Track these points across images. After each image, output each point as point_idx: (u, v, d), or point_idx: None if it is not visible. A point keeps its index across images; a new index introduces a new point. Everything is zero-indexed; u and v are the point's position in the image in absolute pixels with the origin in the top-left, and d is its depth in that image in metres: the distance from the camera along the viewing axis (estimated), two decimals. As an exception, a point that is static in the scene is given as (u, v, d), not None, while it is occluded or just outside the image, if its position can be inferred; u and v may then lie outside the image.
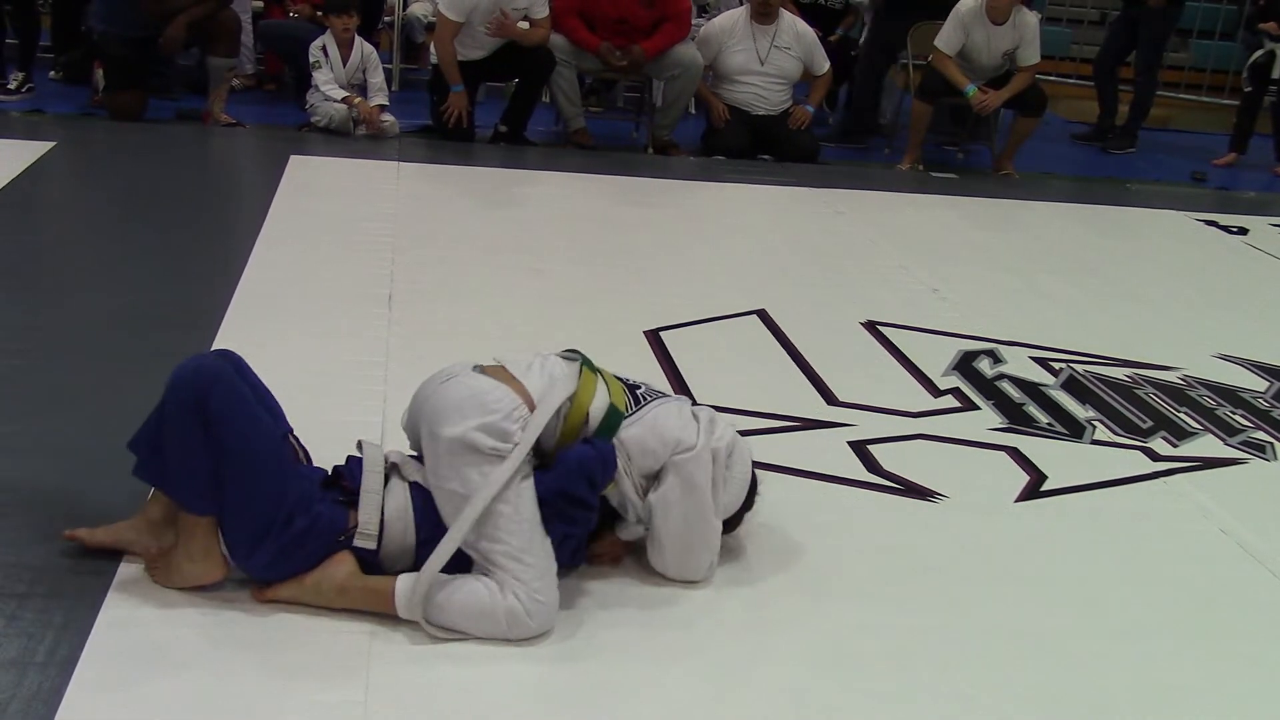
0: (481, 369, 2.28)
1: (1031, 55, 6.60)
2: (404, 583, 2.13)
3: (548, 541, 2.18)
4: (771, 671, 2.18)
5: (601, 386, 2.34)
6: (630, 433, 2.31)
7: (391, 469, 2.25)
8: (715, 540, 2.38)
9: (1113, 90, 8.22)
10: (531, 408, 2.22)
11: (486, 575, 2.13)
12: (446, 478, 2.15)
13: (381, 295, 3.83)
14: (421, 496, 2.20)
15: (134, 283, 3.78)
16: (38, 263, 4.00)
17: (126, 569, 2.24)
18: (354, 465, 2.26)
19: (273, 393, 2.32)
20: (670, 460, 2.31)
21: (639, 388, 2.44)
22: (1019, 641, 2.35)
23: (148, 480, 2.21)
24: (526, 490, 2.17)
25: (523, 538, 2.14)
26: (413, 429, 2.32)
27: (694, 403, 2.50)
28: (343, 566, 2.15)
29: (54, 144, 5.34)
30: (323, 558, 2.16)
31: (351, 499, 2.20)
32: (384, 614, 2.14)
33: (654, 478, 2.33)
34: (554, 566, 2.18)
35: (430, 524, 2.18)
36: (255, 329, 3.38)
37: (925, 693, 2.16)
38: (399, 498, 2.20)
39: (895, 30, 7.24)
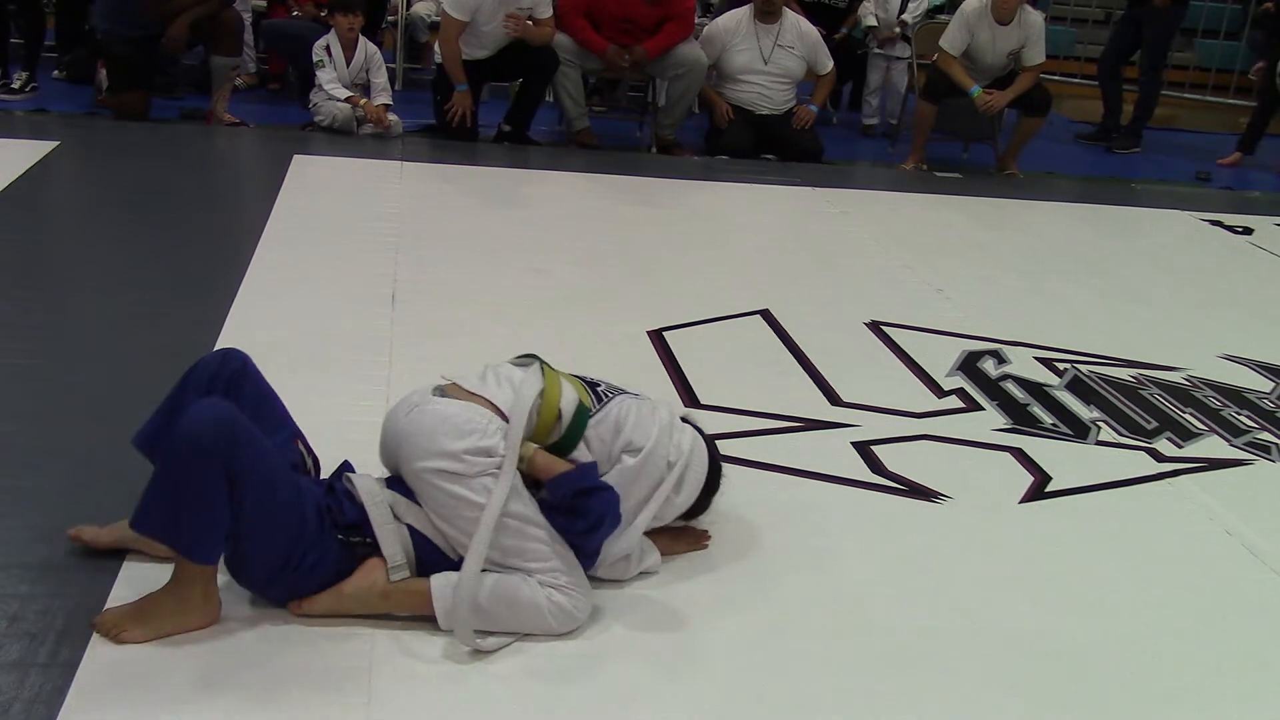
0: (441, 391, 2.27)
1: (1036, 55, 6.59)
2: (439, 581, 2.14)
3: (560, 538, 2.20)
4: (774, 673, 2.17)
5: (567, 385, 2.35)
6: (592, 433, 2.34)
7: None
8: (631, 541, 2.32)
9: (1117, 90, 8.21)
10: (503, 418, 2.22)
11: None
12: (447, 504, 2.15)
13: (384, 294, 3.83)
14: (417, 534, 2.20)
15: (137, 282, 3.78)
16: (41, 262, 4.00)
17: (129, 570, 2.24)
18: (341, 495, 2.22)
19: (276, 392, 2.32)
20: (616, 459, 2.33)
21: (598, 385, 2.45)
22: (1023, 642, 2.34)
23: (150, 533, 2.07)
24: (525, 498, 2.18)
25: (541, 540, 2.17)
26: (390, 463, 2.30)
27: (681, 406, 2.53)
28: (378, 572, 2.16)
29: (58, 143, 5.34)
30: (334, 579, 2.15)
31: (350, 535, 2.18)
32: (420, 615, 2.14)
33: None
34: (578, 564, 2.20)
35: (430, 559, 2.19)
36: (258, 328, 3.38)
37: (929, 694, 2.16)
38: (402, 536, 2.20)
39: None
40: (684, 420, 2.51)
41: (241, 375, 2.27)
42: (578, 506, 2.19)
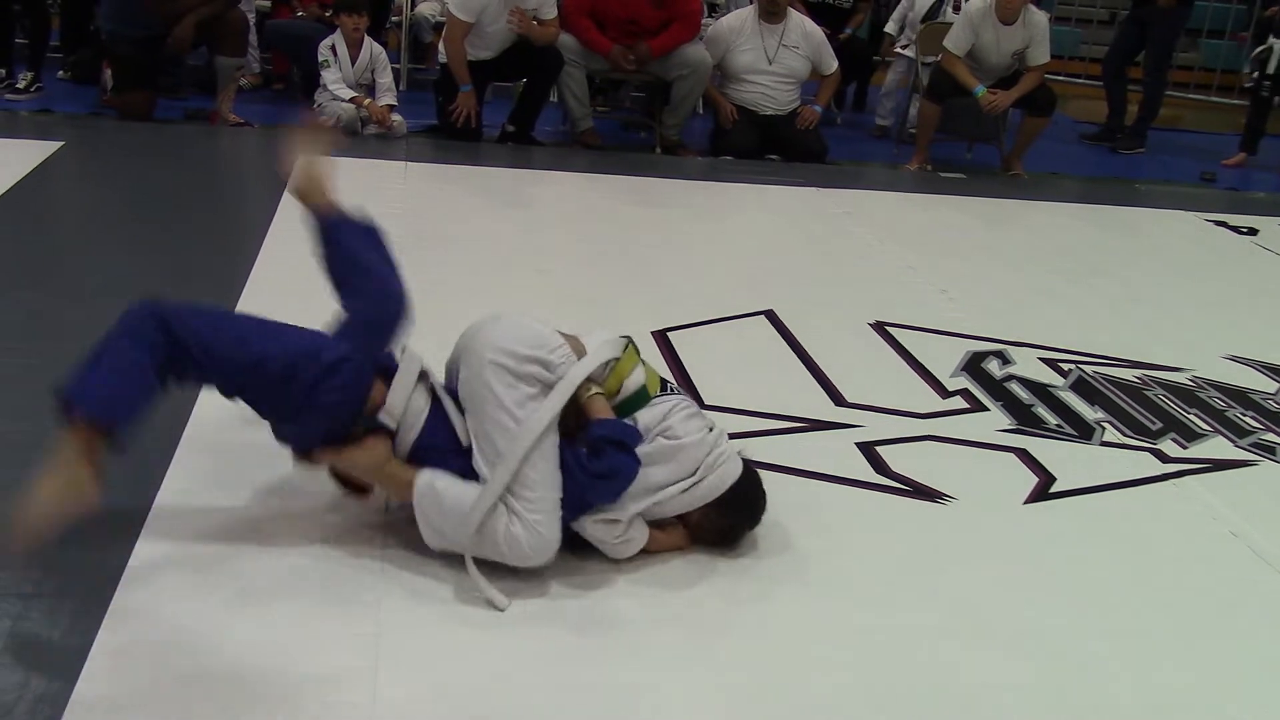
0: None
1: (1041, 55, 6.59)
2: (423, 478, 2.27)
3: (559, 485, 2.27)
4: (778, 671, 2.17)
5: (640, 368, 2.51)
6: (642, 415, 2.44)
7: (423, 375, 2.39)
8: (625, 510, 2.35)
9: (1122, 90, 8.21)
10: (579, 355, 2.39)
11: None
12: (483, 401, 2.28)
13: (389, 295, 3.82)
14: (437, 410, 2.34)
15: (142, 282, 3.77)
16: (46, 261, 4.01)
17: (133, 570, 2.25)
18: (390, 360, 2.39)
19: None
20: (651, 440, 2.41)
21: (670, 385, 2.59)
22: (1026, 643, 2.34)
23: (60, 401, 2.14)
24: (552, 435, 2.28)
25: (539, 474, 2.24)
26: (453, 363, 2.43)
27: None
28: (379, 447, 2.30)
29: (63, 143, 5.35)
30: (348, 416, 2.28)
31: (382, 373, 2.34)
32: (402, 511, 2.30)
33: None
34: (559, 509, 2.26)
35: (433, 434, 2.32)
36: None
37: (931, 694, 2.16)
38: (421, 400, 2.35)
39: None
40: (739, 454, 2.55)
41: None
42: (603, 451, 2.29)
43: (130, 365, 2.16)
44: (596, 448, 2.30)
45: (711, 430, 2.50)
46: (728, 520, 2.49)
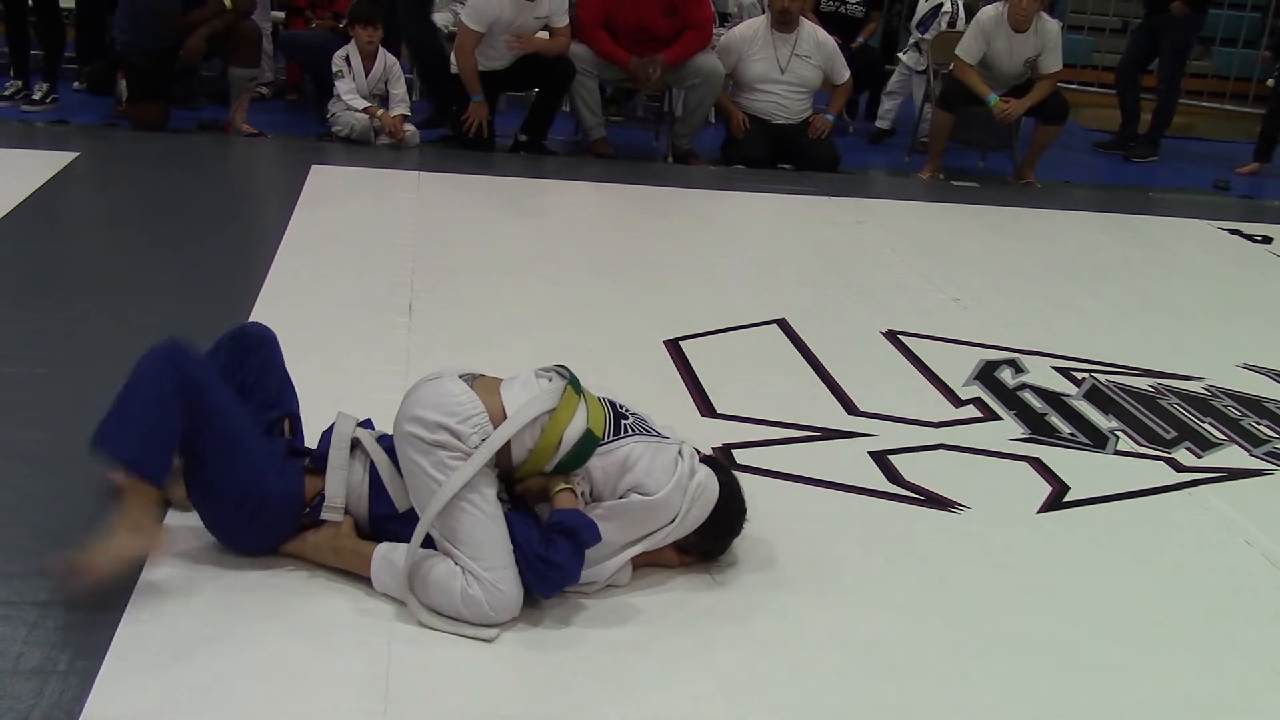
0: (472, 377, 2.35)
1: (1053, 63, 6.58)
2: (380, 551, 2.28)
3: (508, 543, 2.23)
4: (788, 680, 2.17)
5: (582, 410, 2.34)
6: (598, 463, 2.33)
7: (355, 444, 2.38)
8: (607, 571, 2.33)
9: (1135, 98, 8.18)
10: (497, 420, 2.27)
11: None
12: (409, 468, 2.26)
13: (402, 304, 3.84)
14: (377, 476, 2.34)
15: (156, 291, 3.79)
16: (61, 271, 4.03)
17: (148, 579, 2.25)
18: (327, 436, 2.40)
19: (289, 377, 2.54)
20: (622, 494, 2.32)
21: (627, 417, 2.41)
22: (1041, 653, 2.33)
23: (103, 448, 2.18)
24: (488, 494, 2.24)
25: (482, 537, 2.21)
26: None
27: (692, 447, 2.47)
28: (341, 529, 2.32)
29: (78, 154, 5.38)
30: (291, 527, 2.33)
31: (316, 466, 2.37)
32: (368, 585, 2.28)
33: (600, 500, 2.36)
34: (514, 564, 2.22)
35: (384, 501, 2.33)
36: (277, 336, 3.38)
37: (946, 704, 2.15)
38: (357, 474, 2.36)
39: None
40: (706, 460, 2.47)
41: (250, 348, 2.51)
42: (554, 541, 2.22)
43: (160, 425, 2.21)
44: (549, 536, 2.23)
45: (681, 459, 2.38)
46: (711, 542, 2.45)
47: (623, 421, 2.39)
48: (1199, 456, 3.30)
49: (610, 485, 2.34)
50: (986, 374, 3.74)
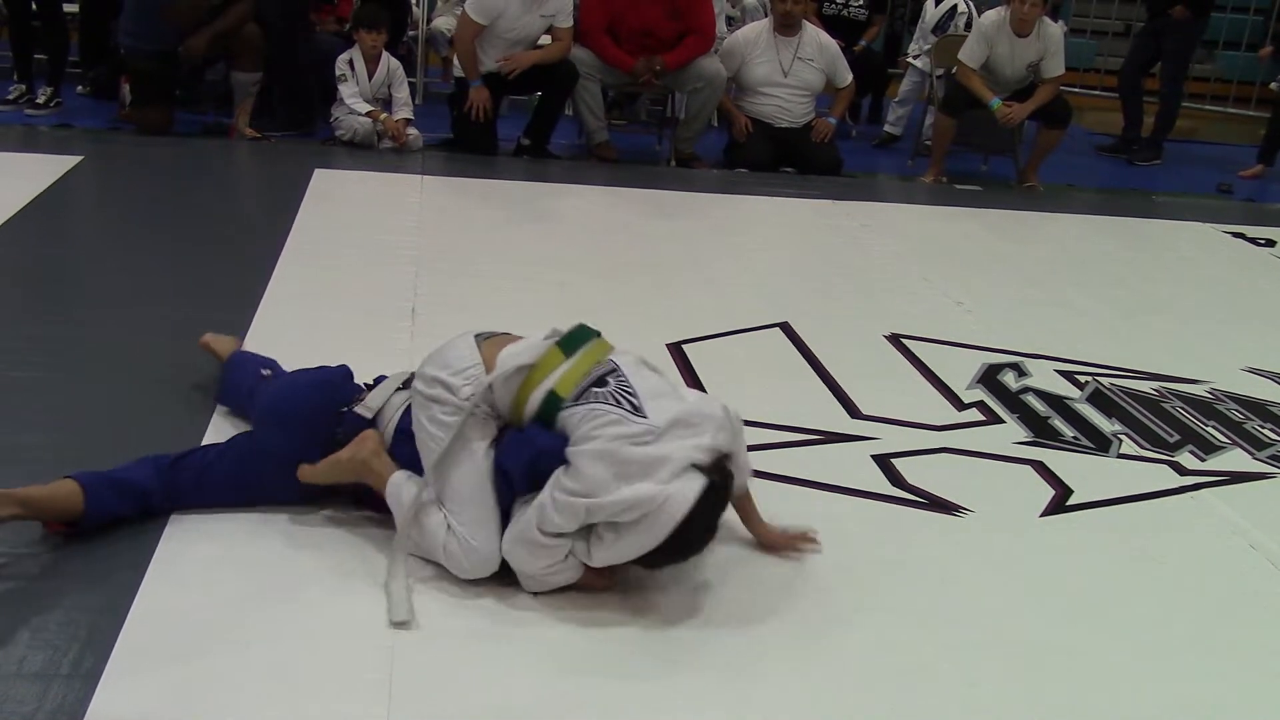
0: (487, 335, 2.49)
1: (1056, 67, 6.58)
2: (396, 479, 2.39)
3: (490, 497, 2.30)
4: (791, 684, 2.17)
5: (560, 370, 2.36)
6: (565, 422, 2.31)
7: (407, 382, 2.55)
8: (528, 542, 2.25)
9: (1138, 102, 8.18)
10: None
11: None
12: (415, 427, 2.40)
13: (405, 308, 3.84)
14: (408, 418, 2.46)
15: (159, 295, 3.80)
16: (65, 275, 4.03)
17: (150, 581, 2.25)
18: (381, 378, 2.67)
19: None
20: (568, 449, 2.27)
21: (607, 383, 2.31)
22: (1044, 657, 2.33)
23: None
24: (478, 448, 2.33)
25: (464, 491, 2.30)
26: None
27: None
28: (367, 444, 2.44)
29: (82, 158, 5.39)
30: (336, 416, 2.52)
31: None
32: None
33: None
34: (493, 520, 2.29)
35: (407, 426, 2.45)
36: (280, 341, 3.39)
37: (948, 709, 2.15)
38: (401, 398, 2.53)
39: None
40: (698, 467, 2.23)
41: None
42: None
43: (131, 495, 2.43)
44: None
45: (626, 427, 2.23)
46: (651, 561, 2.28)
47: (596, 389, 2.31)
48: (1202, 460, 3.30)
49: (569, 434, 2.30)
50: (989, 377, 3.74)
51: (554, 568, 2.26)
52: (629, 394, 2.30)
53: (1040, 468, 3.15)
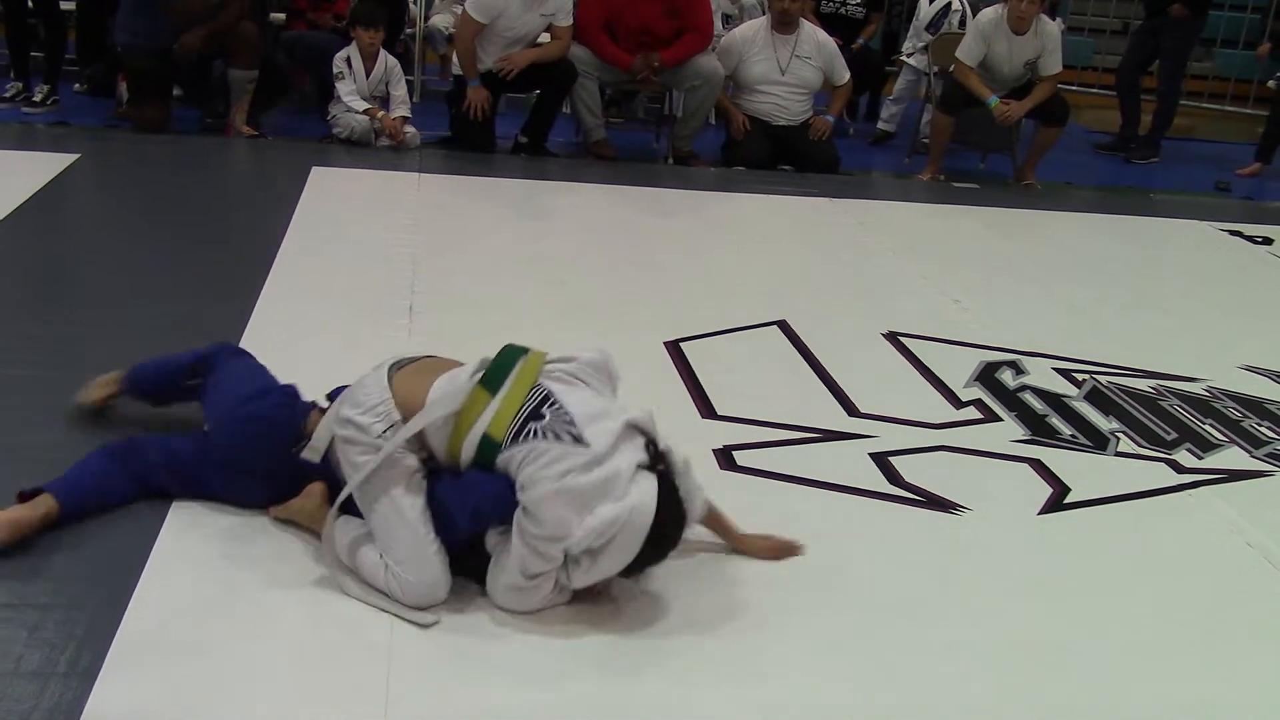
0: (407, 361, 2.41)
1: (1053, 65, 6.58)
2: (335, 524, 2.33)
3: (421, 528, 2.24)
4: (790, 683, 2.17)
5: (490, 411, 2.25)
6: (502, 459, 2.23)
7: None
8: (509, 583, 2.24)
9: (1135, 100, 8.19)
10: (414, 409, 2.29)
11: None
12: (340, 458, 2.34)
13: (402, 306, 3.84)
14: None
15: (157, 293, 3.79)
16: (62, 273, 4.03)
17: (147, 580, 2.25)
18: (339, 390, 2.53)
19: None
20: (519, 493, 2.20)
21: (541, 417, 2.22)
22: (1041, 655, 2.33)
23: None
24: (397, 490, 2.26)
25: (390, 531, 2.25)
26: None
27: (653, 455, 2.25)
28: (314, 497, 2.42)
29: (79, 155, 5.38)
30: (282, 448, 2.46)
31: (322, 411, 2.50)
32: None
33: None
34: (428, 552, 2.23)
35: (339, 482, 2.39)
36: (277, 338, 3.39)
37: (946, 706, 2.15)
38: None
39: None
40: (648, 467, 2.21)
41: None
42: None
43: (106, 487, 2.49)
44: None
45: (573, 458, 2.15)
46: (630, 571, 2.26)
47: (533, 423, 2.22)
48: (1200, 458, 3.30)
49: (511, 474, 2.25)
50: (987, 375, 3.74)
51: (548, 598, 2.27)
52: (567, 423, 2.21)
53: (1038, 466, 3.15)
